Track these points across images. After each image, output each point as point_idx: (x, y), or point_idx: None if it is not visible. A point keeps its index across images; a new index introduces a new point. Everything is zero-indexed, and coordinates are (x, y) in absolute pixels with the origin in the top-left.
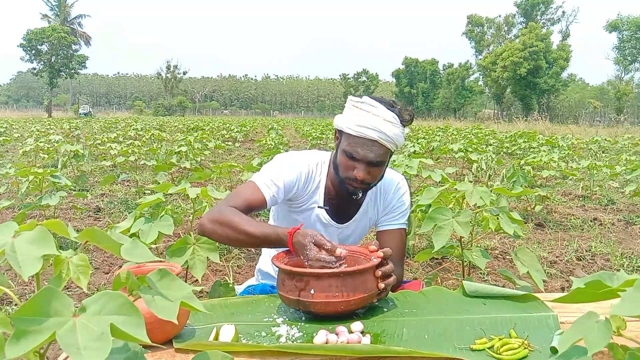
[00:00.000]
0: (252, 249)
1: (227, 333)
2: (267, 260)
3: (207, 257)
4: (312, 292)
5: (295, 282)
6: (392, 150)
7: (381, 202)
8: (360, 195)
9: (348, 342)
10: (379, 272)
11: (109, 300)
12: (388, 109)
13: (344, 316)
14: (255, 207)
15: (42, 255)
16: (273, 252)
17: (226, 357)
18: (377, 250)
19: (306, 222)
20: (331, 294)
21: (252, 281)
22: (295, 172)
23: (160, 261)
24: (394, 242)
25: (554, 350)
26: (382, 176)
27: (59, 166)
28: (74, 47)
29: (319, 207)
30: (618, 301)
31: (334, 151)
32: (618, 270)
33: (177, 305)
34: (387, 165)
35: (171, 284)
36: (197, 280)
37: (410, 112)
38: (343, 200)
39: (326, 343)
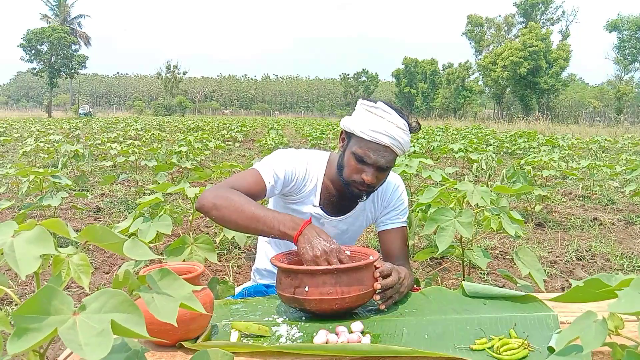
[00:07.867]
0: (252, 250)
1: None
2: (263, 258)
3: (205, 258)
4: (306, 289)
5: (290, 280)
6: (399, 155)
7: (380, 201)
8: (365, 198)
9: (348, 342)
10: (377, 273)
11: (109, 298)
12: (400, 116)
13: (343, 315)
14: (255, 194)
15: (41, 255)
16: (269, 251)
17: (226, 356)
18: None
19: (300, 216)
20: (325, 291)
21: (249, 284)
22: (296, 166)
23: (183, 261)
24: (398, 241)
25: (551, 350)
26: (385, 180)
27: (59, 166)
28: (73, 47)
29: (313, 205)
30: (615, 299)
31: (340, 152)
32: (619, 270)
33: (177, 307)
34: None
35: (172, 283)
36: None
37: (417, 120)
38: (340, 199)
39: (326, 343)
